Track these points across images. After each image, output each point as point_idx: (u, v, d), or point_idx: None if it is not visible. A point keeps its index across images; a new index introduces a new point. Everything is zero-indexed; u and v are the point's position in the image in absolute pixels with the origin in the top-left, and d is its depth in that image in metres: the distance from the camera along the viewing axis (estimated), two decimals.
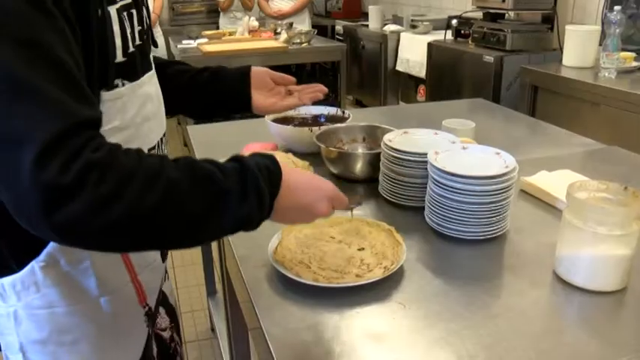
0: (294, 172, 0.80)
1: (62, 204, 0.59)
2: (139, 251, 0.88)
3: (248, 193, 0.71)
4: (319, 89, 1.25)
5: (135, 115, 0.84)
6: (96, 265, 0.87)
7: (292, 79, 1.27)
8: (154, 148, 0.91)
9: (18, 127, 0.60)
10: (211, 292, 2.39)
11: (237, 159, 0.75)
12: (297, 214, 0.79)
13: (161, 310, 1.10)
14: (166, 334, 1.11)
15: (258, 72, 1.21)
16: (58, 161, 0.60)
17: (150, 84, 0.91)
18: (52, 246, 0.83)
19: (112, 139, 0.68)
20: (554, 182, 1.21)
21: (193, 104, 1.03)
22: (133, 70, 0.84)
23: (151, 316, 1.01)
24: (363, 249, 0.96)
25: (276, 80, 1.24)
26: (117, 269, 0.91)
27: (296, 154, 1.38)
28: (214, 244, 2.19)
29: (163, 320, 1.10)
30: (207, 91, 1.17)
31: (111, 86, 0.79)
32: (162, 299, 1.10)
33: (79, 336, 0.88)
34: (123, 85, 0.82)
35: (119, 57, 0.80)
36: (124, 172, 0.63)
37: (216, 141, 1.63)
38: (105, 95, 0.78)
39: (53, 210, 0.60)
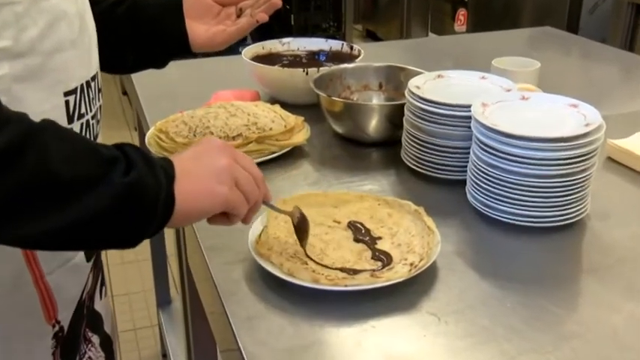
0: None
1: None
2: None
3: (132, 158, 0.73)
4: None
5: (39, 37, 0.83)
6: None
7: None
8: (72, 92, 0.90)
9: None
10: (164, 301, 2.41)
11: None
12: (203, 177, 0.79)
13: (94, 338, 1.09)
14: None
15: None
16: None
17: (67, 0, 0.89)
18: None
19: (4, 67, 0.67)
20: None
21: (107, 50, 1.01)
22: None
23: (63, 341, 0.98)
24: (381, 238, 0.97)
25: (221, 1, 1.23)
26: (11, 264, 0.88)
27: (285, 106, 1.38)
28: (170, 232, 2.19)
29: (97, 355, 1.09)
30: (125, 29, 1.16)
31: None
32: (95, 323, 1.09)
33: None
34: None
35: None
36: None
37: (171, 89, 1.62)
38: None
39: None
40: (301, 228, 0.95)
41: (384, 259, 0.92)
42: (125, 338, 2.50)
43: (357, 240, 0.97)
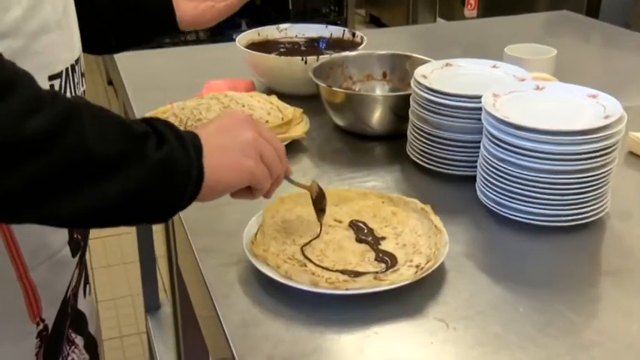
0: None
1: None
2: (16, 217, 0.80)
3: (163, 132, 0.77)
4: None
5: (23, 17, 0.84)
6: None
7: None
8: (57, 76, 0.91)
9: None
10: (152, 306, 2.41)
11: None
12: (230, 150, 0.83)
13: (78, 340, 1.09)
14: None
15: None
16: None
17: None
18: None
19: None
20: None
21: (86, 29, 1.02)
22: None
23: (47, 340, 0.98)
24: (385, 238, 0.97)
25: None
26: None
27: (282, 97, 1.38)
28: (159, 230, 2.20)
29: (81, 357, 1.10)
30: (101, 6, 1.18)
31: None
32: (79, 323, 1.09)
33: None
34: None
35: None
36: None
37: (160, 79, 1.62)
38: None
39: None
40: (319, 203, 0.98)
41: (388, 260, 0.92)
42: (111, 346, 2.50)
43: (359, 240, 0.97)
